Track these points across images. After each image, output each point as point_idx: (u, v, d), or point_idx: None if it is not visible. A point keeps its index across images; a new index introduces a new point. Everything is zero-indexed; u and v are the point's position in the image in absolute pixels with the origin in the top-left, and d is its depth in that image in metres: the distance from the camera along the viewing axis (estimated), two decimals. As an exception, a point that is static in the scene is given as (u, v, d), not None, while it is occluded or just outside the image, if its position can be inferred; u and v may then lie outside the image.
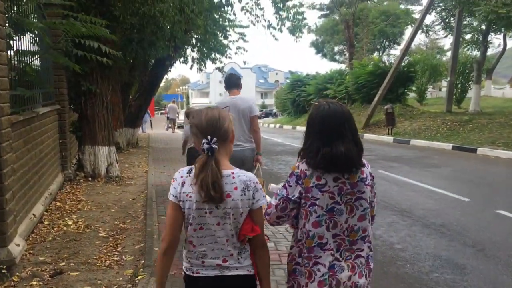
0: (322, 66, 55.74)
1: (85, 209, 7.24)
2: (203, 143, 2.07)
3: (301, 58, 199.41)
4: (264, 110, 69.97)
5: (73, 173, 9.32)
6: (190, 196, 2.07)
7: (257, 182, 2.14)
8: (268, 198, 2.37)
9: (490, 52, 29.94)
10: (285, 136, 24.73)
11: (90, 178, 9.52)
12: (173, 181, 2.16)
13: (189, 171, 2.13)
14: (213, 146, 2.06)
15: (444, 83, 41.91)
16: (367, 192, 2.24)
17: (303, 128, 2.41)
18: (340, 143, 2.19)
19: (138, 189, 9.07)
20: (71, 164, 9.51)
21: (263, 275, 2.21)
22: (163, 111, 35.53)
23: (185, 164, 7.46)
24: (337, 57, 51.17)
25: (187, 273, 2.19)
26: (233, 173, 2.11)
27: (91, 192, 8.55)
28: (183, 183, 2.11)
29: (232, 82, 5.64)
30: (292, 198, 2.22)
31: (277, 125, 36.11)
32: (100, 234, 5.92)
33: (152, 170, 11.40)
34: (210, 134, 2.08)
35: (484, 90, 34.85)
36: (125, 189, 8.98)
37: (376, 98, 22.27)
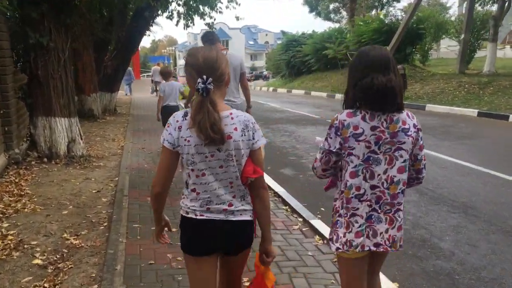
0: (315, 26, 53.03)
1: (26, 210, 5.12)
2: (198, 82, 1.96)
3: (293, 18, 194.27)
4: (254, 72, 67.44)
5: (21, 153, 7.14)
6: (189, 141, 2.00)
7: (255, 122, 2.09)
8: (265, 139, 2.16)
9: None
10: (282, 100, 22.53)
11: (45, 159, 7.36)
12: (168, 126, 2.05)
13: (185, 115, 2.04)
14: (208, 86, 1.96)
15: (443, 43, 39.72)
16: (408, 143, 2.17)
17: (300, 92, 9.64)
18: (382, 76, 2.13)
19: (107, 174, 6.94)
20: (20, 142, 7.32)
21: (265, 217, 2.19)
22: (150, 74, 33.31)
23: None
24: (332, 15, 48.38)
25: (187, 216, 2.11)
26: (231, 113, 2.05)
27: (43, 180, 6.41)
28: (179, 128, 2.02)
29: (215, 36, 5.36)
30: (334, 150, 2.21)
31: (271, 89, 33.78)
32: (35, 261, 3.84)
33: (129, 146, 9.24)
34: (206, 74, 1.98)
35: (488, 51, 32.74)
36: (90, 175, 6.84)
37: (383, 58, 20.01)
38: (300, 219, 4.94)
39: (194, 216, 2.09)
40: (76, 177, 6.65)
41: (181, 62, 79.15)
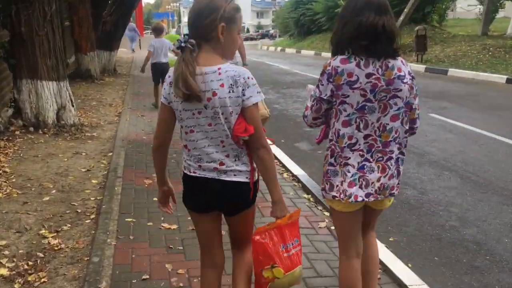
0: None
1: (0, 195, 4.30)
2: (179, 40, 1.93)
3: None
4: (260, 31, 65.64)
5: (4, 121, 6.28)
6: (176, 97, 1.95)
7: (248, 78, 1.94)
8: (263, 95, 2.04)
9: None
10: (291, 61, 21.43)
11: (32, 129, 6.50)
12: (165, 81, 2.03)
13: None
14: (183, 44, 1.92)
15: (459, 2, 37.80)
16: (404, 91, 2.11)
17: (310, 53, 8.56)
18: (378, 16, 2.05)
19: (100, 148, 6.09)
20: (3, 108, 6.45)
21: (268, 179, 2.06)
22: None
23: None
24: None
25: (184, 171, 2.12)
26: (219, 68, 1.93)
27: (26, 154, 5.57)
28: (170, 84, 1.98)
29: None
30: (325, 98, 2.15)
31: (278, 48, 32.47)
32: (0, 271, 3.04)
33: (127, 112, 8.35)
34: (190, 29, 1.98)
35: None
36: (81, 148, 6.00)
37: (401, 18, 18.69)
38: (327, 213, 4.11)
39: (188, 172, 2.09)
40: (64, 151, 5.81)
41: (185, 19, 76.96)
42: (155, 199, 4.06)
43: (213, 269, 2.27)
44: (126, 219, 3.82)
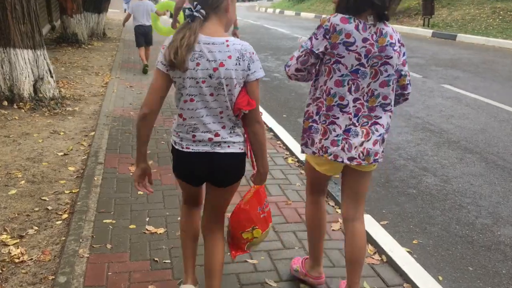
0: None
1: (-41, 187, 3.70)
2: (187, 8, 1.94)
3: None
4: (257, -9, 63.63)
5: (-27, 95, 5.61)
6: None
7: (253, 53, 1.99)
8: (263, 72, 2.05)
9: None
10: (291, 25, 20.48)
11: (6, 103, 5.82)
12: (162, 48, 1.98)
13: None
14: (195, 14, 1.92)
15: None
16: (394, 58, 2.12)
17: (310, 15, 7.49)
18: None
19: (81, 125, 5.44)
20: (-29, 80, 5.76)
21: (258, 153, 2.12)
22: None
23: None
24: None
25: (175, 147, 2.08)
26: (227, 40, 1.95)
27: (-3, 134, 4.94)
28: None
29: None
30: (316, 52, 2.12)
31: (277, 11, 31.25)
32: None
33: (115, 83, 7.65)
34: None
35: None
36: (59, 126, 5.35)
37: (407, -22, 17.77)
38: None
39: (180, 149, 2.05)
40: (40, 130, 5.16)
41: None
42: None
43: (192, 205, 2.36)
44: (104, 220, 3.23)
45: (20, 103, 5.84)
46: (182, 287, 2.37)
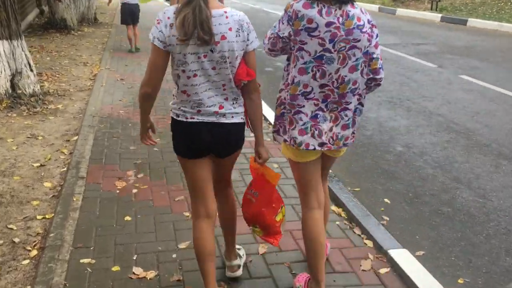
0: None
1: None
2: None
3: None
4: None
5: None
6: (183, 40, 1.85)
7: (248, 22, 1.99)
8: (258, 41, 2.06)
9: None
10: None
11: (-21, 101, 5.18)
12: (158, 22, 1.89)
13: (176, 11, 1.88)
14: None
15: None
16: (362, 41, 2.04)
17: None
18: None
19: (64, 128, 4.80)
20: None
21: (256, 120, 2.16)
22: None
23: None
24: None
25: (178, 119, 2.04)
26: (225, 12, 1.92)
27: (-36, 140, 4.29)
28: (171, 25, 1.87)
29: None
30: (281, 36, 2.07)
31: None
32: None
33: (104, 75, 6.97)
34: None
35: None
36: (38, 128, 4.71)
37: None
38: (369, 241, 2.93)
39: (184, 119, 2.02)
40: (16, 133, 4.52)
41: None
42: (129, 218, 2.90)
43: (207, 218, 2.21)
44: (82, 260, 2.61)
45: (-5, 102, 5.19)
46: None
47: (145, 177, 3.67)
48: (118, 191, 3.43)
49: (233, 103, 2.07)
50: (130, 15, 8.49)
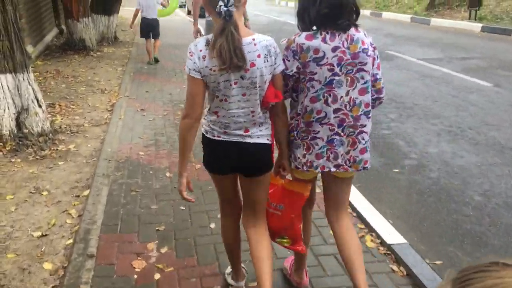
0: None
1: None
2: (220, 5, 1.85)
3: None
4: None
5: None
6: (214, 70, 1.94)
7: (276, 46, 2.05)
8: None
9: None
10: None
11: (-20, 144, 4.52)
12: (191, 55, 1.97)
13: (207, 43, 1.94)
14: (231, 8, 1.86)
15: None
16: (369, 64, 2.09)
17: None
18: None
19: (74, 178, 4.07)
20: None
21: (282, 132, 2.22)
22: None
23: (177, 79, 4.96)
24: None
25: (206, 135, 2.13)
26: (254, 39, 1.97)
27: (-44, 198, 3.60)
28: (203, 57, 1.95)
29: None
30: (290, 74, 2.11)
31: (299, 4, 29.51)
32: None
33: (123, 104, 6.27)
34: None
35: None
36: (43, 179, 3.99)
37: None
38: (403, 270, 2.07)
39: (212, 137, 2.11)
40: (18, 187, 3.82)
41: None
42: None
43: (232, 217, 2.39)
44: None
45: (-1, 144, 4.52)
46: (232, 282, 2.55)
47: (170, 252, 2.91)
48: (135, 277, 2.66)
49: (259, 127, 2.13)
50: (149, 29, 8.79)
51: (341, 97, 2.09)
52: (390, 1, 19.71)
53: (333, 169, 2.18)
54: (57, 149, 4.64)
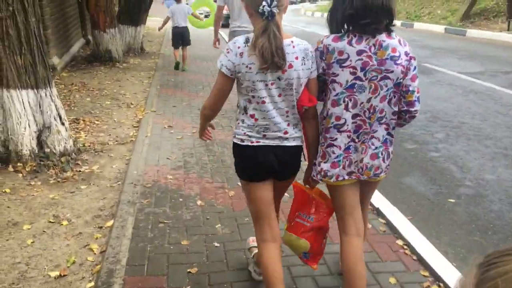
0: None
1: None
2: (263, 5, 1.89)
3: None
4: (300, -7, 61.88)
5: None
6: (251, 68, 1.97)
7: (313, 51, 2.08)
8: None
9: None
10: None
11: (0, 164, 4.22)
12: (228, 51, 2.00)
13: (246, 41, 1.98)
14: (274, 9, 1.90)
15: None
16: (396, 72, 2.04)
17: None
18: None
19: (97, 205, 3.72)
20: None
21: (314, 142, 2.23)
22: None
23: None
24: None
25: (243, 144, 2.12)
26: (292, 41, 2.02)
27: (-31, 227, 3.28)
28: (241, 54, 1.97)
29: None
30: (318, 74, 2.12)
31: (325, 14, 28.86)
32: None
33: (150, 120, 5.94)
34: None
35: None
36: (64, 206, 3.65)
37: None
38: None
39: (250, 144, 2.10)
40: (36, 214, 3.49)
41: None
42: None
43: (273, 242, 2.24)
44: None
45: (18, 164, 4.21)
46: None
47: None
48: (166, 335, 2.27)
49: (294, 128, 2.14)
50: (179, 37, 9.02)
51: (362, 103, 2.07)
52: (422, 11, 19.13)
53: (346, 177, 2.16)
54: (80, 171, 4.31)
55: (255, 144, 2.09)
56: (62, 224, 3.36)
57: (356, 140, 2.13)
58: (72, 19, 11.11)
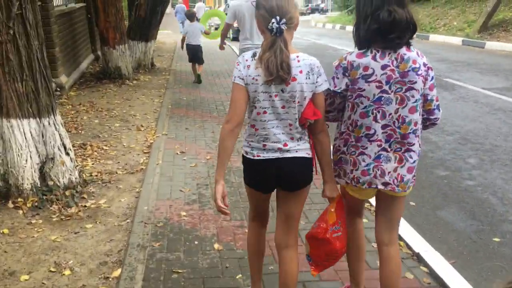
0: None
1: None
2: (272, 22, 1.99)
3: None
4: (310, 5, 61.85)
5: None
6: (257, 79, 2.06)
7: (319, 66, 2.12)
8: (328, 84, 2.17)
9: None
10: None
11: (-2, 199, 3.89)
12: (238, 64, 2.12)
13: (253, 55, 2.09)
14: (282, 26, 2.00)
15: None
16: (419, 83, 2.09)
17: None
18: (398, 7, 2.02)
19: (103, 249, 3.35)
20: None
21: (324, 161, 2.23)
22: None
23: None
24: None
25: (247, 156, 2.20)
26: (297, 56, 2.09)
27: (-40, 278, 2.93)
28: (248, 67, 2.08)
29: None
30: (339, 91, 2.16)
31: (337, 26, 28.79)
32: None
33: (161, 145, 5.59)
34: (279, 13, 2.02)
35: None
36: (66, 251, 3.29)
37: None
38: None
39: (251, 157, 2.17)
40: (36, 261, 3.13)
41: (232, -5, 73.97)
42: None
43: (261, 222, 2.46)
44: None
45: (19, 199, 3.87)
46: None
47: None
48: None
49: (298, 141, 2.17)
50: (193, 53, 9.51)
51: (390, 114, 2.10)
52: (437, 23, 18.73)
53: (380, 187, 2.18)
54: (86, 206, 3.95)
55: (255, 158, 2.15)
56: (64, 274, 2.99)
57: (388, 149, 2.15)
58: (81, 35, 10.87)
